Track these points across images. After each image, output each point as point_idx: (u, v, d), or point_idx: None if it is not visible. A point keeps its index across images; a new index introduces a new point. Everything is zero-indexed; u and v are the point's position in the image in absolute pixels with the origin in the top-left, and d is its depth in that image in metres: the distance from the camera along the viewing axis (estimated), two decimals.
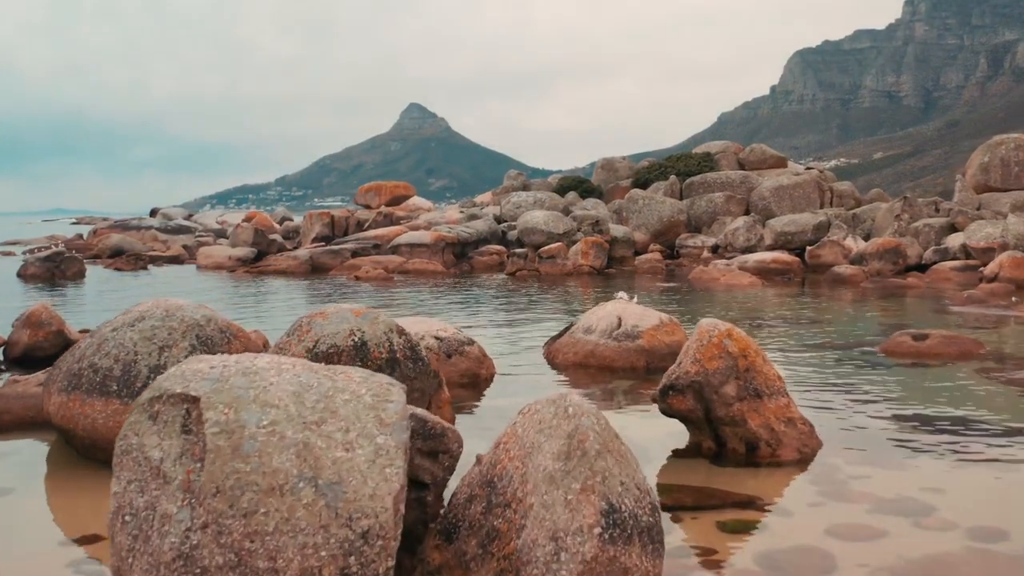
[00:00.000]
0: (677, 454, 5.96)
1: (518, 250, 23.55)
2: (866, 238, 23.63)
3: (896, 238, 21.85)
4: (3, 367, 9.17)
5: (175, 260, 29.17)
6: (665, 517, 4.52)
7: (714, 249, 25.22)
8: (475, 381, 8.38)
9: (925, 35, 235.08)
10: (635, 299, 10.03)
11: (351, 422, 2.89)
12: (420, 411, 3.74)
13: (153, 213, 50.10)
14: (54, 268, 22.35)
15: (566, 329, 9.96)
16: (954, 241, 21.41)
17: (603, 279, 21.28)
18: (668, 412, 6.01)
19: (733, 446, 5.81)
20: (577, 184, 31.67)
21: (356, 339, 5.34)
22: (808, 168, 31.98)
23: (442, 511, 3.69)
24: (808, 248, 23.22)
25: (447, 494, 3.87)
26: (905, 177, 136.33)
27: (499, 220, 27.28)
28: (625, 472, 3.06)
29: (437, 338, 8.51)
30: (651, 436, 6.32)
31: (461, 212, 30.24)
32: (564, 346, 9.58)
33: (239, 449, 2.71)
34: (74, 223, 79.18)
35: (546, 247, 23.17)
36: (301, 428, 2.80)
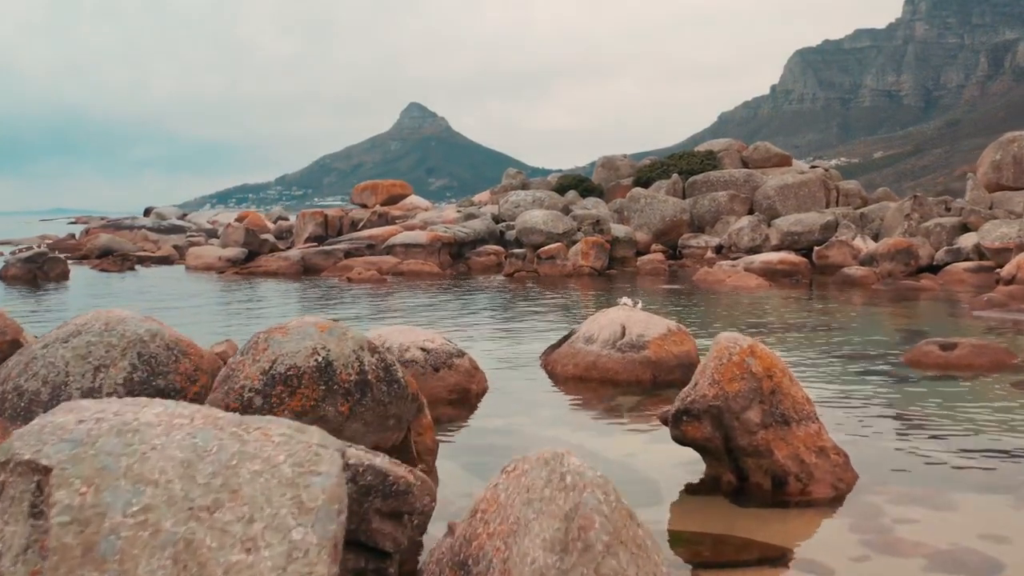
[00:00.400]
0: (691, 490, 5.17)
1: (516, 250, 22.78)
2: (875, 238, 22.83)
3: (907, 238, 21.07)
4: None
5: (165, 260, 28.41)
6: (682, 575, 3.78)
7: (718, 249, 24.44)
8: (465, 397, 7.65)
9: (925, 34, 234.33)
10: (640, 305, 9.27)
11: (257, 507, 2.06)
12: (380, 461, 2.99)
13: (147, 212, 49.45)
14: (36, 269, 21.60)
15: (566, 338, 9.21)
16: (967, 241, 20.61)
17: (604, 280, 20.51)
18: (682, 440, 5.24)
19: (757, 480, 5.03)
20: (577, 183, 30.84)
21: (320, 358, 4.57)
22: (813, 166, 31.13)
23: None
24: (816, 248, 22.46)
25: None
26: (906, 176, 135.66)
27: (497, 220, 26.45)
28: (645, 570, 2.28)
29: (424, 349, 7.80)
30: (660, 466, 5.55)
31: (458, 211, 29.42)
32: (563, 356, 8.82)
33: (93, 549, 1.91)
34: (72, 223, 78.32)
35: (545, 247, 22.38)
36: (185, 517, 1.99)
